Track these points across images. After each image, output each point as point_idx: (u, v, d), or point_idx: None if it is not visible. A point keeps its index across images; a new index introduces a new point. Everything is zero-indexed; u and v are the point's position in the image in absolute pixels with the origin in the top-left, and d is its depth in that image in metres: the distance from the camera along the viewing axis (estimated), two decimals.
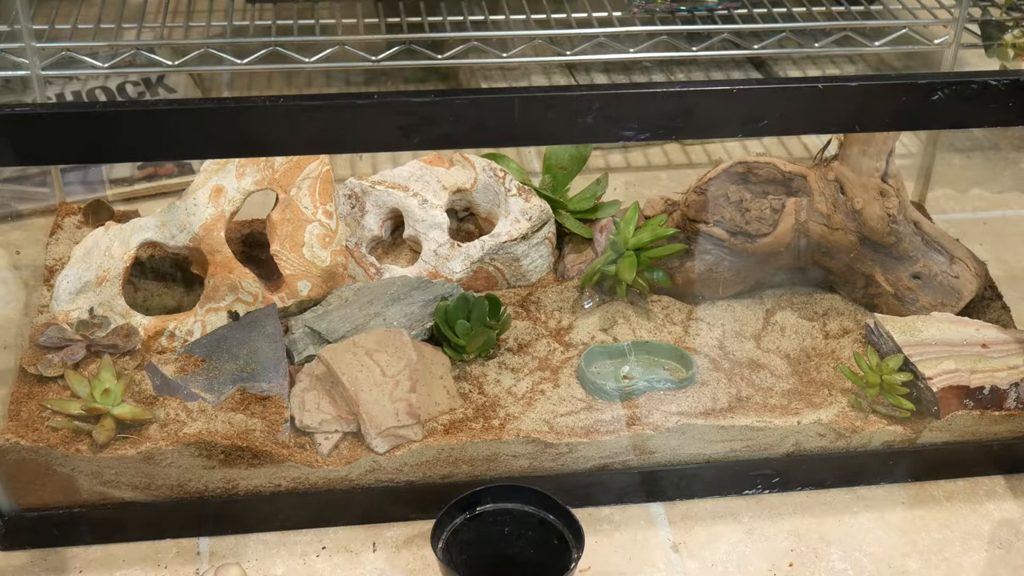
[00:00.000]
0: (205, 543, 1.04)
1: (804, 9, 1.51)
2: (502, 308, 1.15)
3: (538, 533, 0.98)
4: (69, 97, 1.55)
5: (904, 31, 1.45)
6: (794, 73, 1.77)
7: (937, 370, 1.09)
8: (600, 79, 1.71)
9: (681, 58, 1.54)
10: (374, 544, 1.05)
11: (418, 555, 1.03)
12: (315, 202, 1.17)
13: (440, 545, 0.96)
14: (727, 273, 1.20)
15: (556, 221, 1.28)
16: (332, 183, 1.19)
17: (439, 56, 1.40)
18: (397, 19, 1.48)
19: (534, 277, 1.25)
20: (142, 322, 1.13)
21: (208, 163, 1.18)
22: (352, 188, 1.25)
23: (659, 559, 1.04)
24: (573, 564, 0.95)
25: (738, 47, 1.48)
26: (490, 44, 1.40)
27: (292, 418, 1.05)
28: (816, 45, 1.47)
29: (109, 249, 1.15)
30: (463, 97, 0.83)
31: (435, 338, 1.15)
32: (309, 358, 1.11)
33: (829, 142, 1.21)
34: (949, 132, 1.62)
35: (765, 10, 1.49)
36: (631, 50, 1.43)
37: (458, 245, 1.22)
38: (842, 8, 1.54)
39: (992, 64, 1.50)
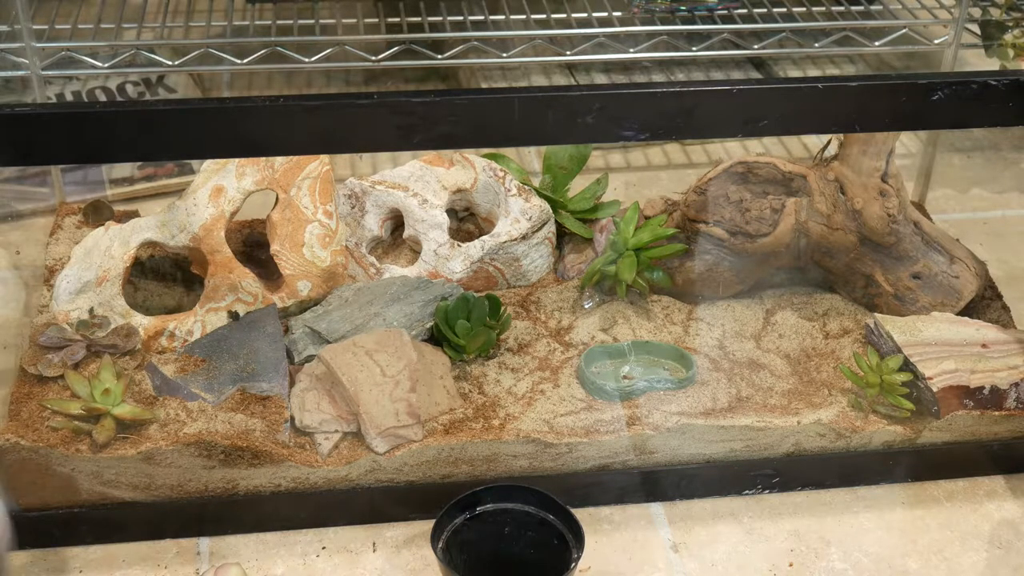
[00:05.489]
0: (205, 543, 1.04)
1: (804, 9, 1.51)
2: (502, 308, 1.15)
3: (538, 533, 0.98)
4: (69, 97, 1.55)
5: (904, 31, 1.45)
6: (794, 73, 1.77)
7: (937, 370, 1.09)
8: (600, 79, 1.71)
9: (681, 58, 1.54)
10: (374, 544, 1.05)
11: (418, 555, 1.03)
12: (315, 202, 1.17)
13: (440, 545, 0.96)
14: (727, 273, 1.20)
15: (556, 221, 1.28)
16: (332, 183, 1.19)
17: (439, 56, 1.40)
18: (397, 19, 1.48)
19: (534, 277, 1.25)
20: (142, 322, 1.13)
21: (208, 163, 1.18)
22: (352, 188, 1.25)
23: (659, 559, 1.04)
24: (573, 564, 0.95)
25: (738, 47, 1.48)
26: (490, 44, 1.40)
27: (292, 418, 1.05)
28: (816, 45, 1.47)
29: (109, 249, 1.15)
30: (463, 97, 0.83)
31: (435, 338, 1.15)
32: (309, 358, 1.11)
33: (829, 142, 1.21)
34: (949, 132, 1.62)
35: (765, 10, 1.49)
36: (631, 50, 1.43)
37: (458, 245, 1.22)
38: (842, 8, 1.54)
39: (992, 64, 1.50)
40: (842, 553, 1.05)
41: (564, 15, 1.48)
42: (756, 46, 1.45)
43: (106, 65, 1.36)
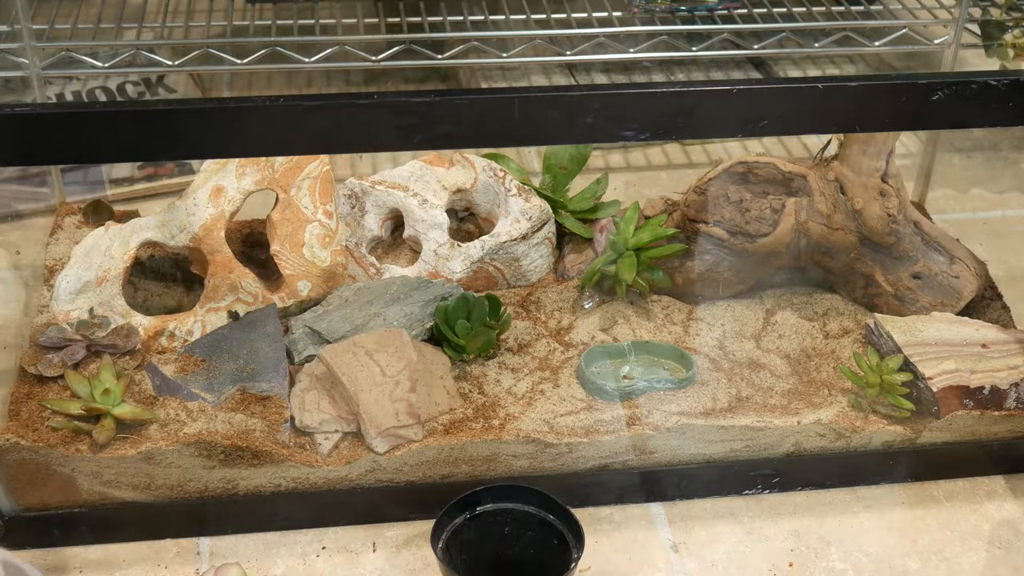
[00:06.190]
0: (205, 543, 1.04)
1: (804, 9, 1.51)
2: (502, 308, 1.15)
3: (538, 533, 0.98)
4: (69, 97, 1.55)
5: (904, 31, 1.45)
6: (794, 73, 1.77)
7: (937, 370, 1.09)
8: (600, 79, 1.71)
9: (681, 58, 1.54)
10: (374, 544, 1.05)
11: (418, 555, 1.03)
12: (315, 202, 1.17)
13: (440, 545, 0.96)
14: (727, 273, 1.20)
15: (556, 221, 1.28)
16: (332, 183, 1.19)
17: (439, 56, 1.40)
18: (397, 19, 1.48)
19: (534, 277, 1.25)
20: (142, 322, 1.13)
21: (208, 163, 1.18)
22: (352, 188, 1.25)
23: (659, 559, 1.04)
24: (573, 564, 0.95)
25: (738, 47, 1.48)
26: (490, 44, 1.40)
27: (292, 418, 1.05)
28: (816, 45, 1.47)
29: (109, 249, 1.15)
30: (463, 97, 0.83)
31: (435, 338, 1.15)
32: (309, 358, 1.11)
33: (829, 142, 1.21)
34: (949, 132, 1.62)
35: (765, 10, 1.49)
36: (631, 50, 1.43)
37: (458, 245, 1.22)
38: (842, 8, 1.54)
39: (992, 64, 1.50)
40: (842, 553, 1.05)
41: (564, 15, 1.48)
42: (756, 46, 1.45)
43: (106, 65, 1.36)
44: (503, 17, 1.48)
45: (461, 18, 1.45)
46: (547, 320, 1.20)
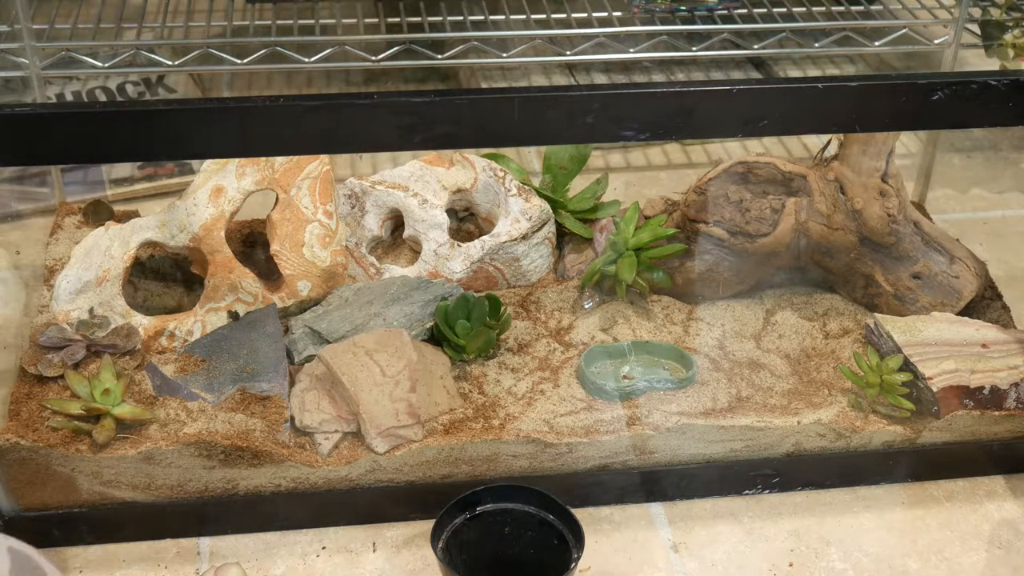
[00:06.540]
0: (205, 543, 1.04)
1: (804, 9, 1.51)
2: (502, 308, 1.15)
3: (538, 533, 0.98)
4: (69, 97, 1.55)
5: (904, 31, 1.45)
6: (794, 73, 1.77)
7: (937, 370, 1.09)
8: (600, 79, 1.71)
9: (681, 58, 1.54)
10: (374, 544, 1.05)
11: (418, 555, 1.03)
12: (315, 202, 1.17)
13: (440, 545, 0.96)
14: (727, 273, 1.20)
15: (556, 221, 1.28)
16: (332, 183, 1.19)
17: (439, 56, 1.40)
18: (397, 19, 1.48)
19: (534, 277, 1.25)
20: (142, 322, 1.13)
21: (208, 163, 1.18)
22: (352, 188, 1.25)
23: (659, 559, 1.04)
24: (573, 564, 0.95)
25: (738, 47, 1.48)
26: (490, 44, 1.40)
27: (292, 418, 1.05)
28: (816, 45, 1.47)
29: (109, 249, 1.15)
30: (463, 97, 0.83)
31: (435, 338, 1.15)
32: (309, 358, 1.11)
33: (829, 142, 1.21)
34: (949, 132, 1.62)
35: (765, 10, 1.49)
36: (631, 50, 1.43)
37: (458, 245, 1.22)
38: (842, 8, 1.55)
39: (992, 64, 1.50)
40: (842, 553, 1.05)
41: (564, 15, 1.48)
42: (756, 46, 1.45)
43: (106, 65, 1.36)
44: (503, 17, 1.48)
45: (461, 18, 1.45)
46: (547, 320, 1.20)
